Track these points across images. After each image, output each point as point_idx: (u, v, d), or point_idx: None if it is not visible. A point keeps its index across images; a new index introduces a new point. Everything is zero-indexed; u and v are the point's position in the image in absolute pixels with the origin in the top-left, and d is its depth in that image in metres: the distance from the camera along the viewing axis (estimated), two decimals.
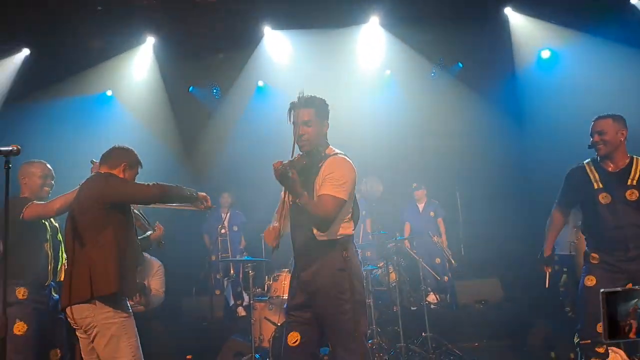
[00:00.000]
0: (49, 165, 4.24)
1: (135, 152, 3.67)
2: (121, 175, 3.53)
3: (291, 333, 3.33)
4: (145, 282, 5.91)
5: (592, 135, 3.99)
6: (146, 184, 3.46)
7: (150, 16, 7.50)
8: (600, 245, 3.97)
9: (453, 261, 7.80)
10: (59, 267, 4.18)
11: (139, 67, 8.52)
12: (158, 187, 3.42)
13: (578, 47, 7.84)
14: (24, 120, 7.69)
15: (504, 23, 8.09)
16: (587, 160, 4.11)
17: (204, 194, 3.64)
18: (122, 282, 3.31)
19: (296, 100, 3.37)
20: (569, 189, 4.19)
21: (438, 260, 8.05)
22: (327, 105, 3.42)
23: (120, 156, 3.58)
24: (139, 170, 3.69)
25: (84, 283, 3.25)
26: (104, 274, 3.26)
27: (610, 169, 3.98)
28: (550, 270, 4.29)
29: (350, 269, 3.29)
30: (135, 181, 3.63)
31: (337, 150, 3.41)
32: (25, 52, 7.87)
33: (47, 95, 8.02)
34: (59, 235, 4.23)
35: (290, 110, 3.39)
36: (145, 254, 6.09)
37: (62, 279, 4.13)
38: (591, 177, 4.00)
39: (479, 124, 8.56)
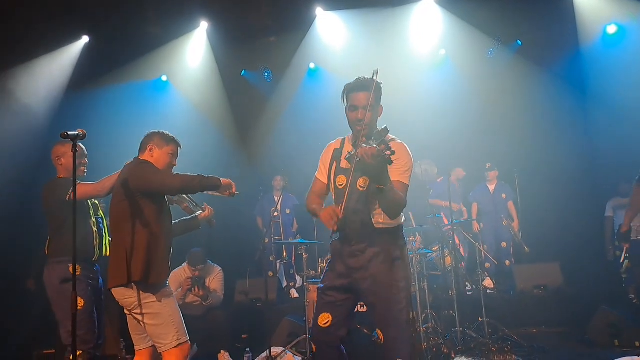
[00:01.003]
0: (81, 144, 4.23)
1: (163, 132, 3.71)
2: (150, 158, 3.62)
3: (323, 314, 3.34)
4: (207, 283, 6.08)
5: None
6: (170, 174, 3.56)
7: (203, 0, 7.56)
8: None
9: (526, 247, 7.61)
10: (104, 242, 4.30)
11: (193, 52, 8.63)
12: (180, 179, 3.48)
13: None
14: (84, 106, 7.91)
15: None
16: None
17: (228, 180, 3.64)
18: (153, 269, 3.44)
19: (354, 82, 3.28)
20: None
21: (504, 244, 7.92)
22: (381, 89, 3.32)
23: (145, 141, 3.69)
24: (177, 148, 3.72)
25: (122, 268, 3.39)
26: (137, 261, 3.40)
27: None
28: (627, 246, 4.23)
29: (405, 259, 3.32)
30: (176, 160, 3.73)
31: (393, 136, 3.34)
32: (85, 39, 8.08)
33: (106, 81, 8.22)
34: (100, 211, 4.37)
35: (347, 92, 3.31)
36: (208, 261, 6.28)
37: (107, 253, 4.27)
38: None
39: (540, 104, 8.28)
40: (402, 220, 3.42)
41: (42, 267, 4.24)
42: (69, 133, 3.20)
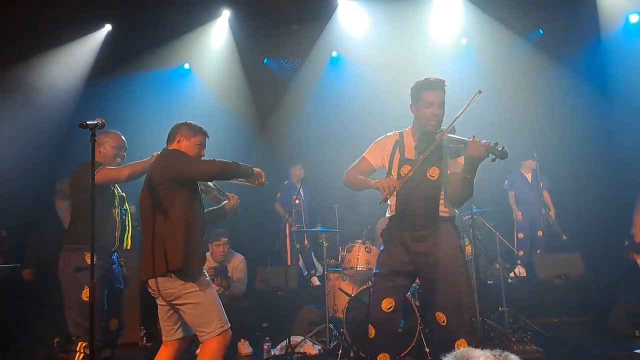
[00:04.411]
0: (123, 137, 4.28)
1: (190, 123, 3.69)
2: (179, 148, 3.61)
3: (387, 299, 3.51)
4: (229, 273, 6.10)
5: None
6: (207, 160, 3.54)
7: None
8: None
9: (564, 235, 7.57)
10: (126, 235, 4.26)
11: (215, 40, 8.65)
12: (217, 164, 3.47)
13: None
14: (107, 94, 7.98)
15: None
16: None
17: (258, 169, 3.65)
18: (192, 257, 3.43)
19: (428, 81, 3.53)
20: None
21: (540, 233, 7.94)
22: None
23: (173, 132, 3.67)
24: (204, 139, 3.70)
25: (160, 258, 3.37)
26: (174, 250, 3.37)
27: None
28: None
29: (463, 247, 3.62)
30: (204, 150, 3.71)
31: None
32: (108, 27, 8.14)
33: (129, 70, 8.27)
34: (126, 204, 4.32)
35: (421, 90, 3.53)
36: (231, 249, 6.30)
37: (128, 247, 4.27)
38: None
39: (560, 93, 8.18)
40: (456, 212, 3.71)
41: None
42: (87, 123, 3.16)
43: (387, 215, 3.72)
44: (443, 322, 3.41)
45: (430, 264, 3.47)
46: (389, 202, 3.63)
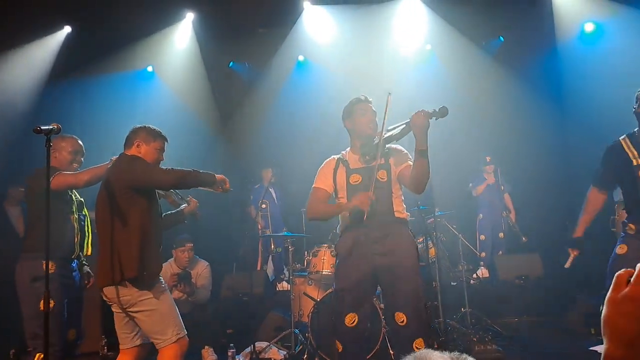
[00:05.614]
0: (80, 141, 4.22)
1: (149, 127, 3.64)
2: (138, 154, 3.56)
3: (350, 314, 3.54)
4: (193, 280, 6.03)
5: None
6: (164, 169, 3.50)
7: None
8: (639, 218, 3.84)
9: (524, 237, 7.71)
10: (86, 241, 4.19)
11: (179, 43, 8.55)
12: (175, 174, 3.44)
13: (624, 20, 7.50)
14: (66, 97, 7.80)
15: None
16: (622, 137, 3.96)
17: (222, 176, 3.63)
18: (147, 265, 3.39)
19: (364, 98, 3.81)
20: (607, 169, 4.06)
21: (502, 235, 8.09)
22: None
23: (132, 136, 3.62)
24: (163, 144, 3.67)
25: (115, 266, 3.33)
26: (130, 257, 3.34)
27: None
28: (576, 253, 4.25)
29: (418, 249, 3.66)
30: (163, 155, 3.68)
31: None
32: (67, 29, 7.96)
33: (89, 72, 8.10)
34: (85, 209, 4.25)
35: (352, 106, 3.80)
36: (195, 256, 6.23)
37: (89, 253, 4.20)
38: (629, 154, 3.85)
39: (518, 99, 8.35)
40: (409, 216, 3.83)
41: None
42: (42, 127, 3.10)
43: (340, 227, 3.79)
44: (402, 322, 3.46)
45: (389, 264, 3.52)
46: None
